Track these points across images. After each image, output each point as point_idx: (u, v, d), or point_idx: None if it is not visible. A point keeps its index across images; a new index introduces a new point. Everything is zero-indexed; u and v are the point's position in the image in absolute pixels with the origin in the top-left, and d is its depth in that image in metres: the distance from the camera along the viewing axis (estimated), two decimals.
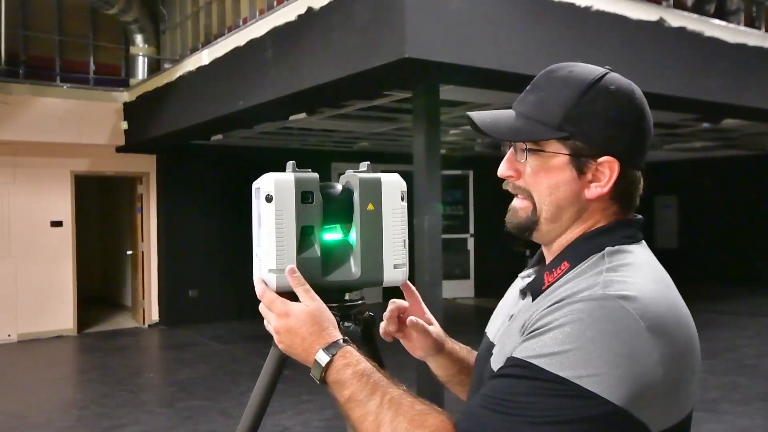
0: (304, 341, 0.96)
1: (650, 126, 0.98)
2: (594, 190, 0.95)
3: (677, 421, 0.87)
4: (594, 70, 0.96)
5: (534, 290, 0.98)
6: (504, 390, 0.83)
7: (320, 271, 1.04)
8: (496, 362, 0.94)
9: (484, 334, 1.11)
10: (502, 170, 1.00)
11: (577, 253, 0.94)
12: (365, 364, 0.94)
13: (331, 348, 0.95)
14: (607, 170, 0.94)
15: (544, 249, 1.04)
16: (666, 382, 0.82)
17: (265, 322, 1.02)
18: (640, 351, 0.80)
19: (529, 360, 0.82)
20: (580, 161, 0.94)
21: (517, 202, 1.00)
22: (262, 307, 1.02)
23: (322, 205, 1.04)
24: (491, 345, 1.03)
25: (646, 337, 0.81)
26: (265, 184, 1.02)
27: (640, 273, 0.89)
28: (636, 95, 0.96)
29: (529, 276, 1.05)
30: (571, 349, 0.80)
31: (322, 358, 0.94)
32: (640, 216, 1.00)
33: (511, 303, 1.07)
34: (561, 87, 0.95)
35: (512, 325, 0.98)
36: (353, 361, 0.94)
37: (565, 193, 0.95)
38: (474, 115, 0.99)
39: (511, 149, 1.00)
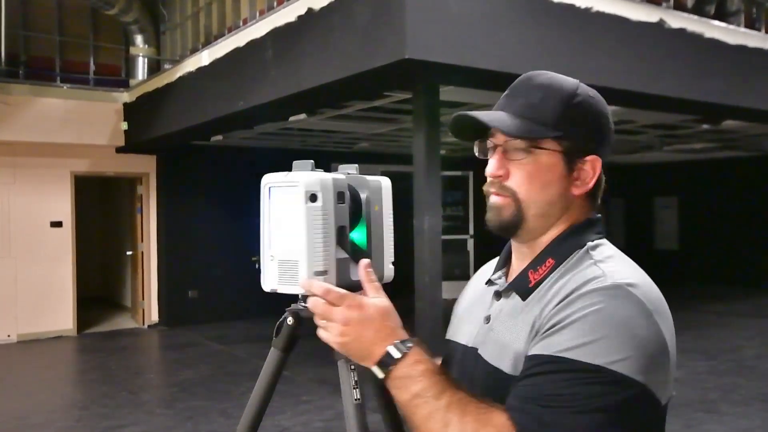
0: (376, 334, 0.96)
1: None
2: (580, 188, 1.02)
3: (669, 397, 0.95)
4: (569, 78, 1.05)
5: (520, 289, 1.02)
6: (545, 386, 0.88)
7: (350, 272, 1.03)
8: (503, 362, 0.97)
9: (449, 341, 1.14)
10: (493, 170, 1.03)
11: (561, 250, 1.01)
12: (433, 364, 0.95)
13: (405, 343, 0.96)
14: (590, 168, 1.02)
15: (521, 247, 1.07)
16: (670, 360, 0.92)
17: (316, 318, 0.99)
18: (653, 332, 0.89)
19: (559, 354, 0.88)
20: (571, 160, 1.01)
21: (498, 200, 1.03)
22: (315, 301, 0.99)
23: (351, 206, 1.04)
24: (471, 350, 1.05)
25: (654, 320, 0.90)
26: (308, 182, 0.99)
27: (623, 263, 0.99)
28: (605, 102, 1.06)
29: (499, 278, 1.09)
30: (599, 338, 0.87)
31: (395, 352, 0.95)
32: (599, 215, 1.08)
33: (481, 306, 1.10)
34: (548, 91, 1.02)
35: (500, 325, 1.01)
36: (424, 359, 0.95)
37: (556, 190, 1.01)
38: (474, 114, 1.01)
39: (499, 149, 1.03)
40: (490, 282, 1.13)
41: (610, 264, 0.96)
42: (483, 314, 1.07)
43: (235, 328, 8.73)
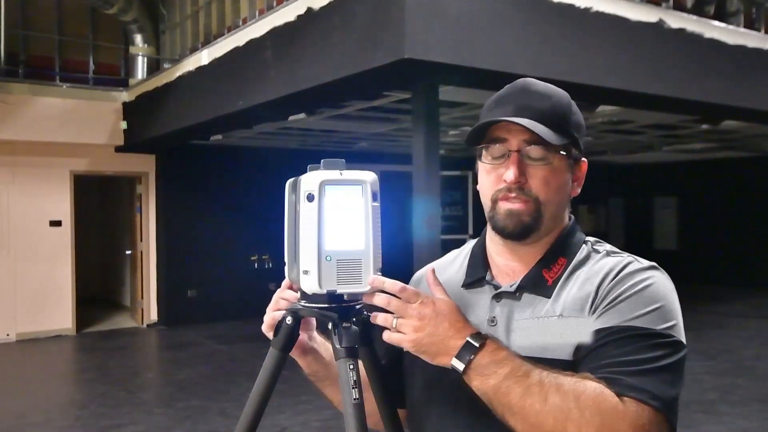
0: (450, 328, 0.97)
1: None
2: (576, 189, 1.11)
3: None
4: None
5: (539, 289, 1.06)
6: (618, 351, 0.95)
7: None
8: (559, 353, 0.99)
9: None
10: (516, 175, 1.03)
11: (569, 248, 1.09)
12: (512, 350, 0.98)
13: (480, 335, 0.97)
14: (582, 171, 1.11)
15: (518, 249, 1.09)
16: None
17: (381, 317, 0.99)
18: (679, 306, 1.01)
19: (625, 324, 0.97)
20: (575, 163, 1.09)
21: (518, 206, 1.04)
22: (388, 298, 0.99)
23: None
24: None
25: (677, 294, 1.03)
26: (374, 182, 0.99)
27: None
28: None
29: (491, 279, 1.11)
30: (656, 308, 0.98)
31: (474, 342, 0.96)
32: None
33: (469, 310, 1.09)
34: (553, 99, 1.06)
35: (529, 323, 1.04)
36: (502, 345, 0.98)
37: (566, 192, 1.08)
38: (519, 120, 1.02)
39: (516, 155, 1.04)
40: (470, 285, 1.13)
41: (621, 253, 1.07)
42: (483, 317, 1.08)
43: (234, 328, 8.72)
